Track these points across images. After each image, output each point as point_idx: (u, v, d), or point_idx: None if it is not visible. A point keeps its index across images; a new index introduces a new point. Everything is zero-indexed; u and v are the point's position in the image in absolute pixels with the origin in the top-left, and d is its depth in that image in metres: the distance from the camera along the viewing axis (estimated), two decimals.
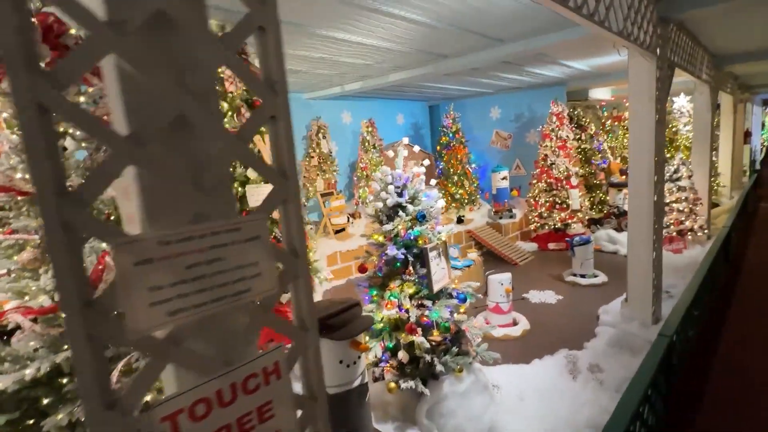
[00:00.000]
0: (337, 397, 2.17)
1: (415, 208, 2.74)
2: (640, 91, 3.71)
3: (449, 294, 2.91)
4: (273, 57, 0.92)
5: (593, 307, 4.75)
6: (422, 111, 11.26)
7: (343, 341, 2.14)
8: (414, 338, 2.60)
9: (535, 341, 4.17)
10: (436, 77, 7.04)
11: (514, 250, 7.38)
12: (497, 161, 9.82)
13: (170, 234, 0.77)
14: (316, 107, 8.68)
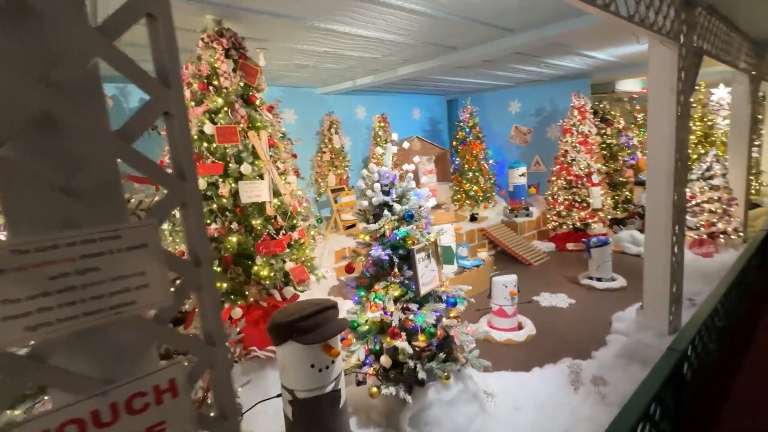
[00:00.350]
0: (308, 401, 2.11)
1: (402, 207, 2.63)
2: (659, 82, 3.41)
3: (438, 297, 2.78)
4: (165, 47, 0.83)
5: (607, 313, 4.48)
6: (440, 105, 11.01)
7: (316, 345, 2.07)
8: (397, 343, 2.50)
9: (540, 348, 3.96)
10: (449, 70, 6.83)
11: (528, 249, 7.09)
12: (516, 157, 9.47)
13: (27, 242, 0.70)
14: (329, 102, 8.64)
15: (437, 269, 2.84)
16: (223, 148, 3.43)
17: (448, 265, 5.62)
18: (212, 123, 3.37)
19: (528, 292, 5.41)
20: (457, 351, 2.78)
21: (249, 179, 3.43)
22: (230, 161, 3.46)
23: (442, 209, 7.90)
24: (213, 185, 3.48)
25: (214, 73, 3.41)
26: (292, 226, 3.90)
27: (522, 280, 5.95)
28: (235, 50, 3.59)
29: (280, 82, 7.38)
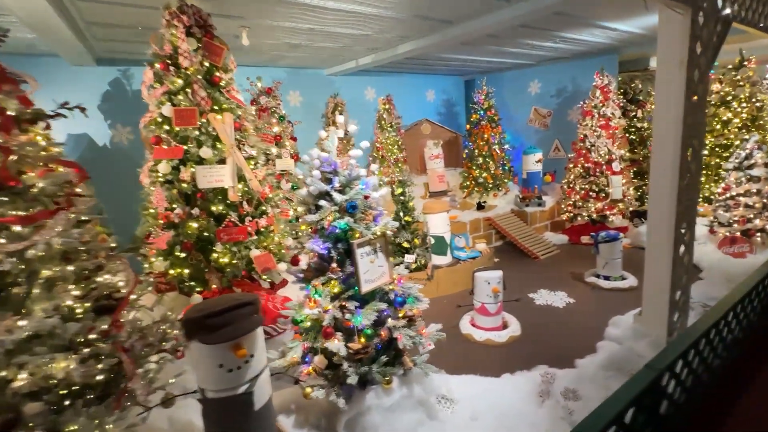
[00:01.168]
0: (217, 401, 2.00)
1: (344, 197, 2.40)
2: (667, 54, 2.90)
3: (385, 296, 2.57)
4: None
5: (607, 315, 4.06)
6: (456, 86, 10.44)
7: (224, 344, 1.94)
8: (329, 344, 2.32)
9: (519, 351, 3.66)
10: (454, 47, 6.37)
11: (537, 242, 6.63)
12: (534, 142, 8.84)
13: None
14: (337, 84, 8.40)
15: (387, 265, 2.61)
16: (183, 130, 3.33)
17: (441, 257, 5.35)
18: (172, 105, 3.27)
19: (523, 289, 5.05)
20: (405, 354, 2.57)
21: (209, 164, 3.32)
22: (192, 145, 3.36)
23: (448, 196, 7.55)
24: (176, 169, 3.40)
25: (176, 52, 3.28)
26: (261, 213, 3.79)
27: (522, 274, 5.62)
28: (199, 28, 3.43)
29: (281, 63, 7.22)
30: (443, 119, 10.16)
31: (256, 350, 2.09)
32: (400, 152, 7.77)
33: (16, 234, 1.95)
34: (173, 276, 3.33)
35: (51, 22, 3.61)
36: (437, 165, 7.70)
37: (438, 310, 4.58)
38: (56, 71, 5.67)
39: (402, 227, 5.21)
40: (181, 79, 3.29)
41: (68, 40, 4.22)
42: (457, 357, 3.64)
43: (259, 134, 6.48)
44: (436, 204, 5.32)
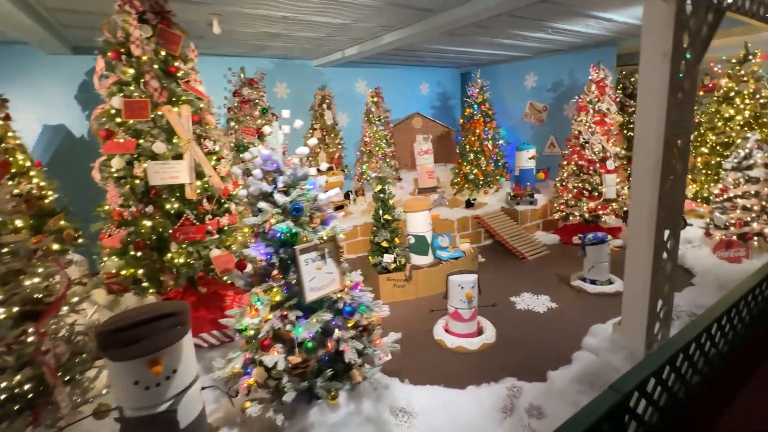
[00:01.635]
0: (135, 421, 1.85)
1: (287, 199, 2.21)
2: (650, 45, 2.66)
3: (334, 305, 2.39)
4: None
5: (588, 323, 3.84)
6: (452, 79, 10.15)
7: (140, 359, 1.78)
8: (265, 357, 2.16)
9: (491, 360, 3.48)
10: (443, 39, 6.10)
11: (526, 242, 6.41)
12: (530, 138, 8.57)
13: None
14: (326, 76, 8.17)
15: (337, 272, 2.43)
16: (136, 124, 3.15)
17: (422, 257, 5.16)
18: (123, 96, 3.08)
19: (505, 291, 4.86)
20: (354, 367, 2.40)
21: (163, 159, 3.14)
22: (145, 138, 3.18)
23: (437, 193, 7.34)
24: (130, 164, 3.23)
25: (128, 39, 3.09)
26: (224, 211, 3.62)
27: (507, 275, 5.42)
28: (154, 14, 3.23)
29: (266, 53, 7.00)
30: (437, 113, 9.91)
31: (180, 364, 1.93)
32: (389, 147, 7.56)
33: None
34: (125, 276, 3.18)
35: (3, 8, 3.44)
36: (426, 160, 7.48)
37: (415, 313, 4.42)
38: (31, 60, 5.51)
39: (381, 226, 5.02)
40: (132, 68, 3.10)
41: (30, 27, 4.04)
42: (424, 365, 3.47)
43: (241, 127, 6.34)
44: (417, 202, 5.12)
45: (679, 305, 4.03)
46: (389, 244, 5.00)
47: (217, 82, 6.51)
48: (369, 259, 5.13)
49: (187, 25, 4.72)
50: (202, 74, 6.74)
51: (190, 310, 2.06)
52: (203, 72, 6.75)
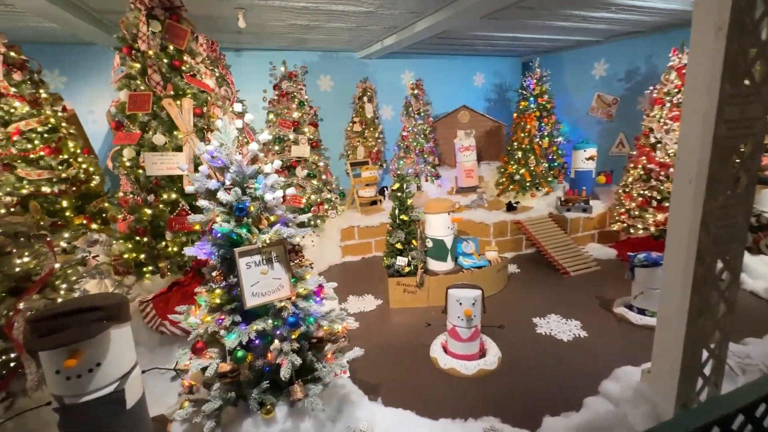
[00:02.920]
0: (61, 409, 1.89)
1: (229, 198, 2.09)
2: (702, 16, 2.00)
3: (279, 313, 2.23)
4: None
5: (617, 361, 3.20)
6: (512, 69, 9.28)
7: (60, 350, 1.81)
8: (191, 362, 2.08)
9: (480, 391, 3.04)
10: (484, 24, 5.51)
11: (571, 254, 5.61)
12: (596, 134, 7.50)
13: None
14: (370, 68, 8.01)
15: (285, 278, 2.26)
16: (143, 116, 3.30)
17: (440, 262, 4.79)
18: (129, 89, 3.25)
19: (530, 310, 4.27)
20: (296, 382, 2.22)
21: (160, 150, 3.25)
22: (149, 130, 3.33)
23: (476, 193, 6.79)
24: (138, 155, 3.42)
25: (133, 35, 3.24)
26: None
27: (539, 292, 4.77)
28: (164, 10, 3.34)
29: (307, 46, 7.04)
30: (492, 107, 9.17)
31: (104, 358, 1.93)
32: (427, 142, 7.16)
33: None
34: (126, 260, 3.39)
35: (58, 14, 3.84)
36: (467, 158, 6.95)
37: (420, 323, 4.10)
38: (107, 58, 6.20)
39: (397, 226, 4.75)
40: (138, 63, 3.24)
41: (87, 29, 4.48)
42: (407, 383, 3.17)
43: (278, 120, 6.47)
44: (438, 203, 4.72)
45: (748, 356, 3.13)
46: (404, 246, 4.71)
47: (263, 76, 6.67)
48: (383, 260, 4.90)
49: (220, 21, 4.90)
50: (247, 68, 7.08)
51: (124, 305, 2.05)
52: (248, 66, 7.12)
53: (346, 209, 7.08)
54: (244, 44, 6.71)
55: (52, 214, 4.20)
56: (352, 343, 3.77)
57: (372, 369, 3.36)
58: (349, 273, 5.83)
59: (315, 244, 6.30)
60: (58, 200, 4.26)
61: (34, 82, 4.25)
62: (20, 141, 4.05)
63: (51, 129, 4.27)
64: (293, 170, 6.45)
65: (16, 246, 2.52)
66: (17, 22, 4.52)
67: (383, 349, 3.67)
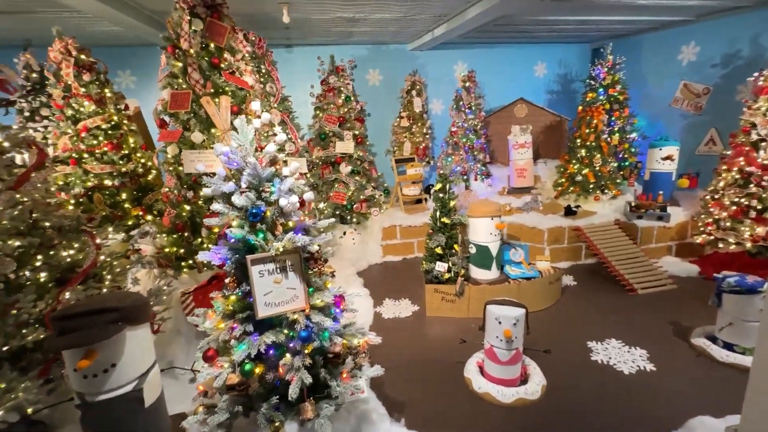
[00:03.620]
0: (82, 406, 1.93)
1: (242, 202, 1.98)
2: None
3: (291, 325, 2.09)
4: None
5: (695, 409, 2.67)
6: (580, 57, 8.38)
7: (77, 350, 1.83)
8: (204, 369, 2.02)
9: (516, 425, 2.68)
10: (550, 7, 4.94)
11: (641, 268, 4.89)
12: (678, 131, 6.50)
13: None
14: (421, 60, 7.70)
15: (300, 288, 2.11)
16: (182, 114, 3.36)
17: (483, 270, 4.42)
18: (172, 88, 3.32)
19: (584, 332, 3.77)
20: (306, 400, 2.08)
21: (198, 148, 3.29)
22: (190, 128, 3.38)
23: (531, 195, 6.23)
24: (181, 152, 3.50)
25: (175, 34, 3.29)
26: None
27: (598, 310, 4.22)
28: (206, 8, 3.35)
29: (354, 40, 6.91)
30: (555, 100, 8.38)
31: (119, 359, 1.94)
32: (477, 138, 6.70)
33: None
34: (166, 254, 3.50)
35: (118, 17, 4.08)
36: (522, 155, 6.39)
37: (456, 336, 3.79)
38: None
39: (438, 229, 4.45)
40: (180, 62, 3.29)
41: (146, 30, 4.73)
42: (434, 405, 2.90)
43: (324, 115, 6.43)
44: (482, 206, 4.34)
45: None
46: (444, 251, 4.40)
47: (313, 72, 6.64)
48: (422, 264, 4.63)
49: (266, 17, 4.92)
50: (297, 64, 7.13)
51: (141, 306, 2.05)
52: (298, 62, 7.16)
53: (390, 207, 6.90)
54: (294, 40, 6.75)
55: (113, 206, 4.52)
56: (380, 351, 3.60)
57: (399, 384, 3.14)
58: (389, 274, 5.64)
59: (356, 242, 6.21)
60: (118, 192, 4.57)
61: (100, 82, 4.57)
62: (87, 137, 4.39)
63: (114, 126, 4.58)
64: (337, 166, 6.39)
65: (62, 239, 2.66)
66: (88, 27, 4.90)
67: (413, 363, 3.44)
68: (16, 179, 2.37)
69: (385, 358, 3.51)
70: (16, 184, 2.36)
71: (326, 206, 5.96)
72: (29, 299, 2.32)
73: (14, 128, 2.48)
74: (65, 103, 4.31)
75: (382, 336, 3.89)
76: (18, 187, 2.37)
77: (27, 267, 2.43)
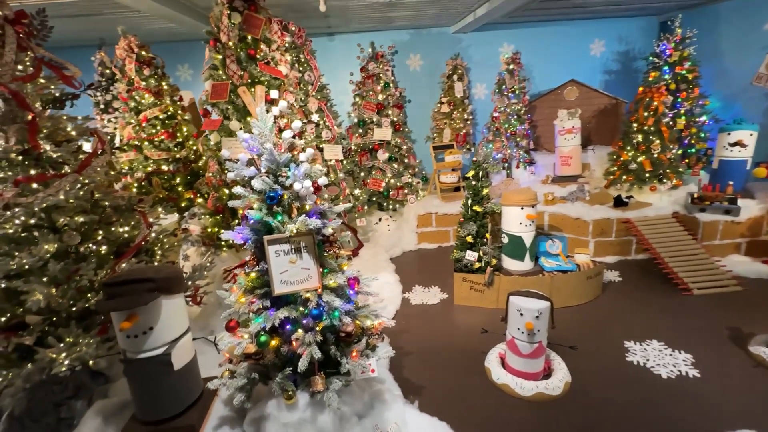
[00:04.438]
0: (125, 362, 2.22)
1: (262, 186, 2.10)
2: None
3: (306, 303, 2.21)
4: None
5: (741, 422, 2.43)
6: (645, 31, 7.58)
7: (120, 312, 2.10)
8: (225, 338, 2.21)
9: (537, 418, 2.61)
10: None
11: (700, 267, 4.43)
12: (761, 112, 5.70)
13: None
14: (465, 42, 7.45)
15: (314, 268, 2.22)
16: (222, 103, 3.60)
17: (516, 261, 4.28)
18: (213, 79, 3.56)
19: (622, 331, 3.54)
20: (318, 374, 2.21)
21: (234, 135, 3.51)
22: (229, 117, 3.62)
23: (577, 184, 5.86)
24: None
25: (217, 28, 3.50)
26: None
27: (643, 309, 3.95)
28: (243, 1, 3.53)
29: (395, 25, 6.85)
30: (613, 81, 7.71)
31: (156, 323, 2.19)
32: (521, 124, 6.37)
33: (33, 189, 2.56)
34: (209, 233, 3.82)
35: (169, 14, 4.42)
36: (568, 142, 5.99)
37: (481, 325, 3.73)
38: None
39: (470, 218, 4.37)
40: (220, 54, 3.51)
41: (197, 25, 5.08)
42: (452, 392, 2.92)
43: (363, 102, 6.50)
44: (516, 194, 4.17)
45: None
46: (475, 240, 4.32)
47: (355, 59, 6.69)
48: (453, 252, 4.59)
49: (304, 6, 5.04)
50: (339, 52, 7.22)
51: (176, 278, 2.28)
52: (340, 50, 7.24)
53: (428, 194, 6.85)
54: (335, 28, 6.84)
55: (168, 189, 4.99)
56: (403, 336, 3.67)
57: (418, 368, 3.20)
58: (422, 261, 5.66)
59: (391, 229, 6.28)
60: (173, 177, 5.03)
61: (158, 76, 5.00)
62: (147, 126, 4.86)
63: (170, 116, 5.01)
64: (375, 153, 6.46)
65: (119, 217, 3.02)
66: (147, 25, 5.36)
67: (435, 349, 3.46)
68: (80, 164, 2.71)
69: (407, 342, 3.58)
70: (80, 168, 2.71)
71: (362, 192, 6.07)
72: (90, 267, 2.68)
73: (80, 119, 2.83)
74: (129, 95, 4.79)
75: (405, 322, 3.96)
76: (81, 170, 2.71)
77: (90, 240, 2.80)
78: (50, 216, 2.63)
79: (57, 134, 2.72)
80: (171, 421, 2.33)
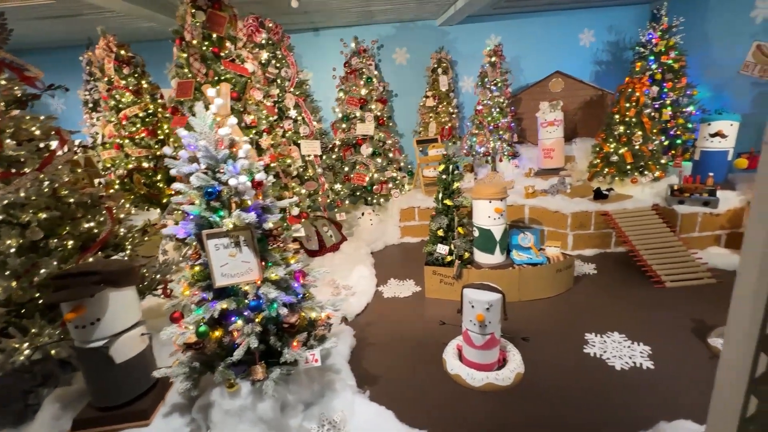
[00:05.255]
0: (80, 351, 2.32)
1: (198, 182, 2.17)
2: None
3: (244, 296, 2.29)
4: None
5: (678, 410, 2.45)
6: (635, 20, 7.40)
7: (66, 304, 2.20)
8: (170, 327, 2.29)
9: (484, 408, 2.66)
10: None
11: (675, 259, 4.40)
12: (748, 102, 5.57)
13: None
14: (451, 36, 7.40)
15: (254, 262, 2.29)
16: (188, 101, 3.67)
17: (487, 254, 4.30)
18: (178, 77, 3.63)
19: (584, 323, 3.55)
20: (258, 363, 2.29)
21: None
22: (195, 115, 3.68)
23: (559, 176, 5.82)
24: None
25: (181, 26, 3.57)
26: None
27: (612, 302, 3.93)
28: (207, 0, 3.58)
29: (379, 19, 6.82)
30: (603, 72, 7.57)
31: (103, 315, 2.29)
32: (503, 117, 6.34)
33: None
34: None
35: (146, 14, 4.50)
36: (550, 134, 5.95)
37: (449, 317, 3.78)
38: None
39: (440, 211, 4.39)
40: (185, 53, 3.58)
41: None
42: (406, 382, 2.98)
43: (347, 98, 6.53)
44: (485, 187, 4.17)
45: None
46: (446, 234, 4.35)
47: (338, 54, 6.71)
48: (426, 246, 4.62)
49: (280, 3, 5.07)
50: (323, 47, 7.24)
51: (125, 272, 2.37)
52: (324, 45, 7.25)
53: (412, 189, 6.88)
54: (318, 24, 6.85)
55: (150, 186, 5.11)
56: (369, 328, 3.74)
57: (378, 359, 3.26)
58: (402, 255, 5.70)
59: (374, 223, 6.33)
60: (155, 174, 5.15)
61: (138, 74, 5.10)
62: (127, 124, 4.98)
63: (150, 114, 5.12)
64: (358, 148, 6.50)
65: (84, 212, 3.12)
66: (130, 25, 5.45)
67: (398, 340, 3.52)
68: (41, 162, 2.82)
69: (372, 334, 3.65)
70: (41, 166, 2.81)
71: (343, 187, 6.12)
72: (53, 261, 2.79)
73: (42, 118, 2.93)
74: (109, 94, 4.90)
75: (375, 314, 4.02)
76: (42, 168, 2.82)
77: (55, 236, 2.91)
78: (11, 213, 2.74)
79: (20, 134, 2.82)
80: (125, 407, 2.44)
